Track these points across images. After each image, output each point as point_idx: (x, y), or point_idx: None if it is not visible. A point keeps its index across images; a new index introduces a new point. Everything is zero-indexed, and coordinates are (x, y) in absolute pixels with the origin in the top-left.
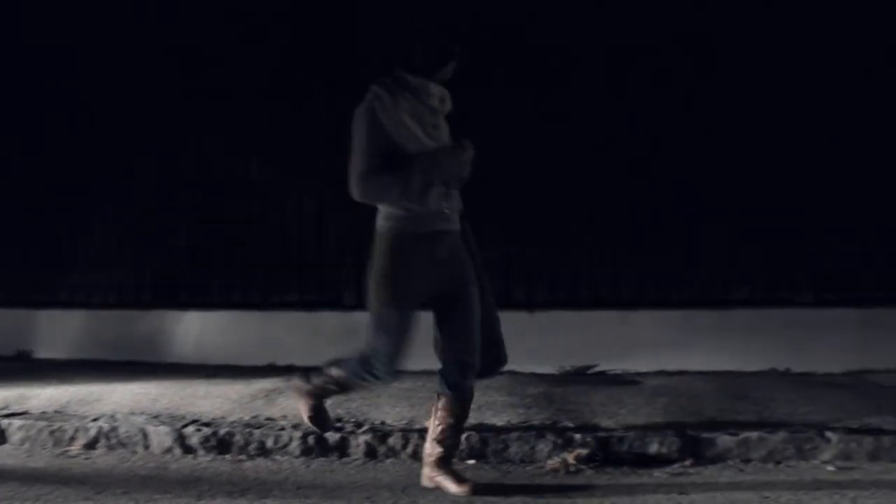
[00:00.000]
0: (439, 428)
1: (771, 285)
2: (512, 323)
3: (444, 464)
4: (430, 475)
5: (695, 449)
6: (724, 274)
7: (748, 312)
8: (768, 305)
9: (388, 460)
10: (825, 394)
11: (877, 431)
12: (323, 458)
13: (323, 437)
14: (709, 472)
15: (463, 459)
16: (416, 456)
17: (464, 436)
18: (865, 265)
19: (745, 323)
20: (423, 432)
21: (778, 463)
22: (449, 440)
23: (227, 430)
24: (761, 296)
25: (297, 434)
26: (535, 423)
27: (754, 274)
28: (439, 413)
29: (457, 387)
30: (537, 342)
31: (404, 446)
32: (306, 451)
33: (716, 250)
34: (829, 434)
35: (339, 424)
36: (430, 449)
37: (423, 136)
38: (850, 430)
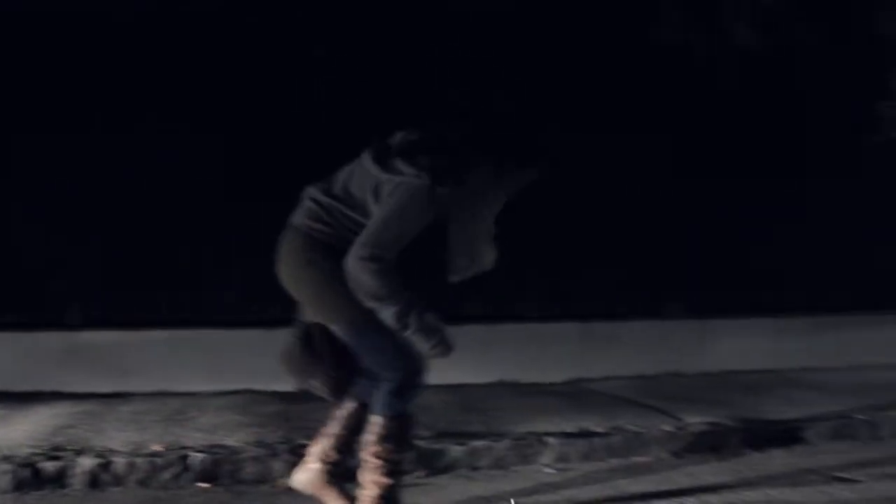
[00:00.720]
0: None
1: (502, 301)
2: (251, 341)
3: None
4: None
5: (427, 460)
6: (458, 290)
7: (481, 327)
8: (499, 320)
9: (114, 489)
10: (547, 402)
11: (589, 434)
12: (38, 492)
13: (38, 469)
14: (440, 482)
15: (193, 482)
16: (145, 483)
17: (197, 458)
18: (582, 282)
19: (478, 337)
20: (152, 457)
21: (504, 469)
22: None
23: None
24: (493, 311)
25: (7, 467)
26: (270, 441)
27: (486, 290)
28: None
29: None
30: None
31: (131, 473)
32: (18, 486)
33: None
34: (548, 439)
35: (57, 453)
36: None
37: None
38: (567, 435)
